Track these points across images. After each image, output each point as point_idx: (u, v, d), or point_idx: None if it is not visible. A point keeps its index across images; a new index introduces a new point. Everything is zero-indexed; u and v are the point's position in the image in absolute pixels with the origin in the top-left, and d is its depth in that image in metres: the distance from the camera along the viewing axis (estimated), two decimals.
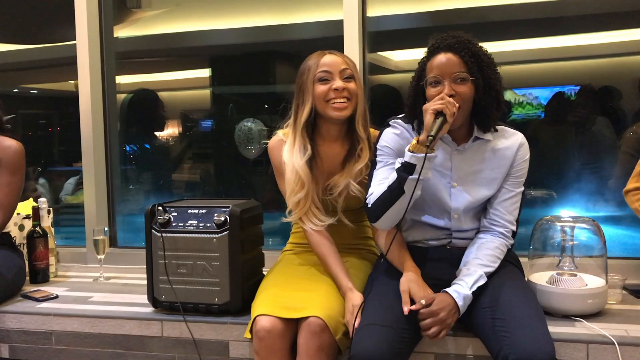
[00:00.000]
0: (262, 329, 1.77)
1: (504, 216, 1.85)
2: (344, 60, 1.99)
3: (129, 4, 3.51)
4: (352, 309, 1.77)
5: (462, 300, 1.70)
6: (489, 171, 1.85)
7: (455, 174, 1.86)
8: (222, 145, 3.48)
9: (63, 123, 4.04)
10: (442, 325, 1.68)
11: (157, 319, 2.10)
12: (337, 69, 1.95)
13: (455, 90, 1.72)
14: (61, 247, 2.95)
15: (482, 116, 1.81)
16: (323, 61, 1.96)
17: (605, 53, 2.92)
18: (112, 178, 3.06)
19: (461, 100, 1.73)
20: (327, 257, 1.94)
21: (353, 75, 1.98)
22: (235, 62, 3.57)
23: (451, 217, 1.88)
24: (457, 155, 1.86)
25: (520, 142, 1.86)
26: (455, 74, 1.73)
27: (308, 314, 1.76)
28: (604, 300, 1.92)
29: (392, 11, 3.07)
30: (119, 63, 3.21)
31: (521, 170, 1.86)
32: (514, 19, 2.98)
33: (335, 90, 1.93)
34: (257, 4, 3.42)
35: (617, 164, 2.77)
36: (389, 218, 1.80)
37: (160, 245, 2.09)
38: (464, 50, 1.73)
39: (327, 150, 2.05)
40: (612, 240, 2.05)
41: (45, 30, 3.70)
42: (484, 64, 1.75)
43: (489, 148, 1.85)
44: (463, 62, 1.73)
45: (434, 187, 1.87)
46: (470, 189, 1.86)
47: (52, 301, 2.32)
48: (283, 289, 1.89)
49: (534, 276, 2.00)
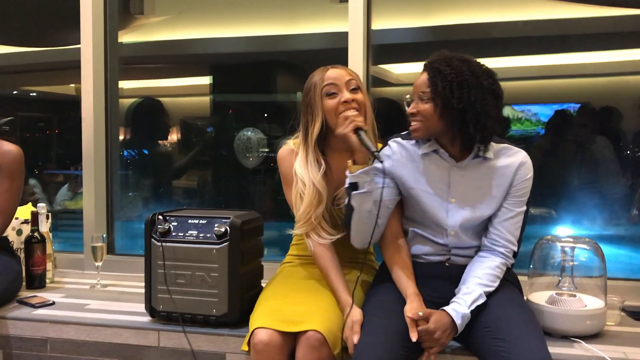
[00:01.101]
0: (260, 342, 1.76)
1: (505, 236, 1.85)
2: (348, 72, 2.00)
3: (132, 10, 3.51)
4: (352, 325, 1.76)
5: (460, 319, 1.69)
6: (488, 189, 1.85)
7: (453, 190, 1.86)
8: (221, 153, 3.48)
9: (62, 126, 4.03)
10: (435, 344, 1.68)
11: (154, 329, 2.08)
12: (343, 81, 1.96)
13: (417, 108, 1.80)
14: (58, 253, 2.93)
15: (460, 138, 1.80)
16: (328, 75, 1.97)
17: (606, 72, 2.94)
18: (112, 184, 3.05)
19: (422, 117, 1.79)
20: (329, 270, 1.93)
21: (359, 86, 1.99)
22: (237, 71, 3.58)
23: (448, 233, 1.88)
24: (457, 171, 1.86)
25: (522, 161, 1.84)
26: (419, 92, 1.80)
27: (307, 327, 1.75)
28: (603, 322, 1.92)
29: (394, 25, 3.08)
30: (121, 68, 3.21)
31: (522, 189, 1.85)
32: (514, 36, 3.00)
33: (345, 102, 1.93)
34: (261, 14, 3.43)
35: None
36: (356, 235, 1.89)
37: (160, 254, 2.08)
38: (433, 70, 1.78)
39: (336, 162, 2.04)
40: (609, 260, 2.05)
41: (48, 34, 3.70)
42: (453, 86, 1.73)
43: (489, 165, 1.85)
44: (430, 82, 1.77)
45: (431, 203, 1.87)
46: (468, 206, 1.86)
47: (48, 308, 2.30)
48: (282, 301, 1.88)
49: (533, 295, 2.00)
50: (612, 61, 2.94)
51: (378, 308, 1.81)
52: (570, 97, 2.94)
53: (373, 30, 2.71)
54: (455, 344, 1.81)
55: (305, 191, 1.96)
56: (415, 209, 1.92)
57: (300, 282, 2.02)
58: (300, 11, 3.39)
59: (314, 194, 1.95)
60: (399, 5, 3.07)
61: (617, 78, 2.94)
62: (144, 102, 3.51)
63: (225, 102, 3.68)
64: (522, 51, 3.03)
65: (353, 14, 2.64)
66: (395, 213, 1.95)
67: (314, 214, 1.95)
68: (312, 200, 1.95)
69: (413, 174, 1.90)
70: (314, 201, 1.95)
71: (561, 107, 2.94)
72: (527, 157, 1.86)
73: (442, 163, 1.87)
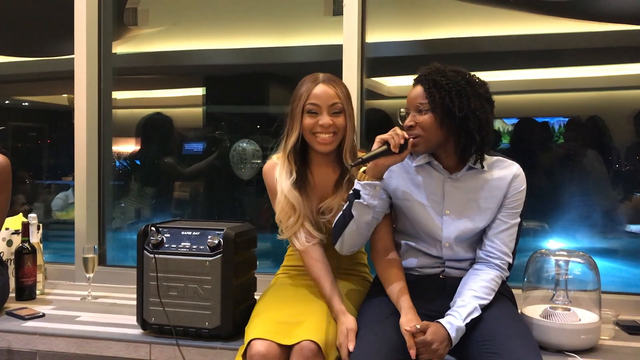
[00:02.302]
0: (258, 353, 1.73)
1: (500, 248, 1.85)
2: (336, 92, 1.97)
3: (126, 21, 3.51)
4: (346, 332, 1.76)
5: (454, 332, 1.69)
6: (482, 201, 1.85)
7: (447, 202, 1.87)
8: (214, 164, 3.47)
9: (54, 136, 4.01)
10: (433, 355, 1.67)
11: (145, 342, 2.06)
12: (327, 103, 1.95)
13: (415, 120, 1.79)
14: (49, 264, 2.90)
15: (461, 147, 1.80)
16: (314, 92, 1.95)
17: (596, 86, 2.97)
18: (104, 195, 3.03)
19: (420, 128, 1.78)
20: (321, 279, 1.92)
21: (343, 109, 1.97)
22: (230, 82, 3.58)
23: (442, 245, 1.88)
24: (450, 183, 1.86)
25: (515, 173, 1.85)
26: (417, 104, 1.79)
27: (301, 338, 1.73)
28: (598, 336, 1.92)
29: (387, 38, 3.10)
30: (115, 79, 3.20)
31: (516, 201, 1.86)
32: (506, 50, 3.03)
33: (321, 125, 1.94)
34: (255, 26, 3.44)
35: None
36: (344, 242, 1.89)
37: (152, 266, 2.06)
38: (429, 82, 1.78)
39: (319, 174, 2.07)
40: (602, 273, 2.06)
41: (41, 43, 3.69)
42: (452, 95, 1.75)
43: (483, 177, 1.86)
44: (426, 93, 1.78)
45: (426, 215, 1.87)
46: (462, 217, 1.86)
47: (38, 320, 2.27)
48: (277, 313, 1.86)
49: (528, 309, 2.00)
50: (602, 76, 2.96)
51: (372, 320, 1.80)
52: (560, 111, 2.96)
53: (367, 43, 2.73)
54: (451, 358, 1.79)
55: (280, 197, 2.00)
56: (409, 222, 1.93)
57: (294, 292, 2.01)
58: (295, 24, 3.40)
59: (286, 202, 1.99)
60: (392, 18, 3.09)
61: (607, 93, 2.96)
62: (153, 118, 3.52)
63: (218, 114, 3.68)
64: (513, 65, 3.05)
65: (348, 26, 2.65)
66: (386, 226, 1.95)
67: (292, 222, 1.98)
68: (284, 207, 1.99)
69: (407, 186, 1.90)
70: (285, 208, 1.99)
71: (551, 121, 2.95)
72: (521, 170, 1.87)
73: (436, 175, 1.87)
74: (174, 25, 3.61)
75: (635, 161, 2.83)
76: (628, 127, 2.83)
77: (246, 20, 3.46)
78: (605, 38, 2.88)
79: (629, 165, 2.87)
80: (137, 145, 3.58)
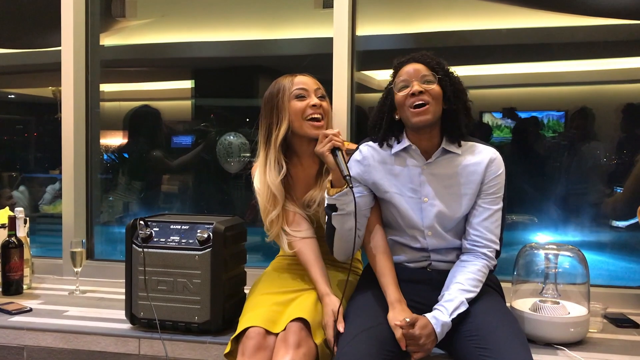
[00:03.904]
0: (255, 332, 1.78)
1: (486, 236, 1.84)
2: (315, 81, 2.08)
3: (114, 13, 3.47)
4: (331, 313, 1.80)
5: (440, 327, 1.69)
6: (458, 187, 1.86)
7: (424, 189, 1.87)
8: (202, 157, 3.45)
9: (40, 129, 3.97)
10: (420, 349, 1.68)
11: (134, 336, 2.05)
12: (312, 88, 2.04)
13: (425, 88, 1.78)
14: (36, 258, 2.88)
15: (451, 125, 1.83)
16: (298, 80, 2.04)
17: (587, 80, 2.98)
18: (91, 189, 3.00)
19: (430, 97, 1.78)
20: (309, 264, 1.97)
21: (324, 94, 2.07)
22: (219, 75, 3.55)
23: (425, 235, 1.88)
24: (427, 170, 1.86)
25: (491, 157, 1.86)
26: (422, 75, 1.80)
27: (290, 317, 1.79)
28: (586, 329, 1.93)
29: (376, 31, 3.09)
30: (102, 71, 3.17)
31: (495, 186, 1.85)
32: (496, 44, 3.03)
33: (313, 106, 1.99)
34: (244, 18, 3.42)
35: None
36: (338, 249, 1.93)
37: (141, 260, 2.05)
38: (428, 59, 1.83)
39: (300, 167, 2.09)
40: (591, 267, 2.07)
41: (28, 35, 3.64)
42: (450, 73, 1.84)
43: (458, 163, 1.86)
44: (429, 68, 1.81)
45: (405, 205, 1.88)
46: (441, 204, 1.86)
47: (25, 314, 2.25)
48: (269, 307, 1.88)
49: (517, 303, 2.01)
50: (591, 70, 2.97)
51: (360, 314, 1.80)
52: (551, 105, 2.97)
53: (357, 36, 2.71)
54: (439, 352, 1.80)
55: (260, 197, 2.02)
56: (391, 213, 1.93)
57: (288, 279, 2.04)
58: (284, 16, 3.38)
59: (268, 197, 2.00)
60: (382, 11, 3.08)
61: (595, 86, 2.97)
62: (139, 111, 3.49)
63: (207, 107, 3.66)
64: (504, 59, 3.05)
65: (338, 19, 2.63)
66: (376, 217, 1.95)
67: (272, 217, 2.01)
68: (266, 205, 2.01)
69: (386, 177, 1.90)
70: (267, 206, 2.01)
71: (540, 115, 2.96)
72: (497, 154, 1.88)
73: (412, 162, 1.88)
74: (163, 17, 3.57)
75: (623, 155, 2.85)
76: (616, 121, 2.84)
77: (235, 13, 3.44)
78: (593, 32, 2.89)
79: (616, 159, 2.88)
80: (124, 138, 3.54)
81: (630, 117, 2.79)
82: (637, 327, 2.13)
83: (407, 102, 1.79)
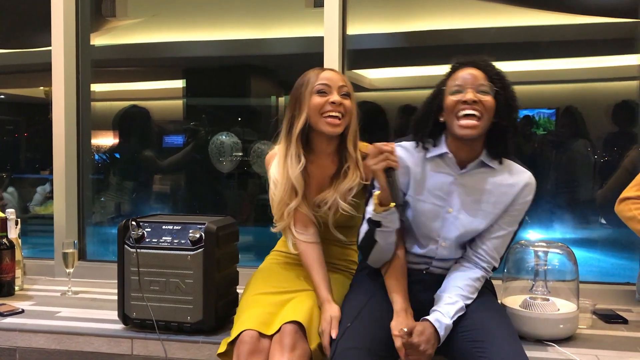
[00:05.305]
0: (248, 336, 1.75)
1: (491, 253, 1.82)
2: (342, 78, 1.99)
3: (105, 12, 3.47)
4: (329, 320, 1.77)
5: (443, 330, 1.68)
6: (487, 204, 1.79)
7: (452, 200, 1.80)
8: (194, 157, 3.45)
9: (31, 130, 3.96)
10: (422, 356, 1.65)
11: (127, 337, 2.05)
12: (336, 85, 1.95)
13: (479, 98, 1.69)
14: (28, 259, 2.87)
15: (497, 140, 1.76)
16: (323, 75, 1.96)
17: (576, 78, 3.00)
18: (83, 189, 3.00)
19: (484, 109, 1.69)
20: (312, 267, 1.92)
21: (349, 93, 1.97)
22: (211, 74, 3.56)
23: (438, 244, 1.84)
24: (460, 180, 1.79)
25: (527, 182, 1.79)
26: (479, 84, 1.71)
27: (284, 320, 1.76)
28: (576, 325, 1.95)
29: (368, 30, 3.10)
30: (93, 71, 3.16)
31: (519, 210, 1.80)
32: (486, 42, 3.04)
33: (332, 103, 1.91)
34: (235, 17, 3.42)
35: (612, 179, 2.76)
36: (375, 259, 1.84)
37: (133, 260, 2.05)
38: (489, 67, 1.74)
39: (317, 165, 2.03)
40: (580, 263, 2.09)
41: (18, 35, 3.63)
42: (507, 86, 1.75)
43: (493, 180, 1.79)
44: (487, 77, 1.72)
45: (427, 214, 1.82)
46: (466, 218, 1.80)
47: (17, 316, 2.25)
48: (263, 308, 1.85)
49: (508, 300, 2.02)
50: (580, 68, 3.00)
51: (354, 316, 1.78)
52: (541, 103, 2.99)
53: (348, 35, 2.72)
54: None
55: (277, 187, 1.97)
56: (410, 218, 1.86)
57: (283, 282, 1.98)
58: (275, 15, 3.39)
59: (286, 189, 1.95)
60: (373, 10, 3.09)
61: (585, 84, 3.00)
62: (129, 111, 3.48)
63: (198, 106, 3.66)
64: (492, 57, 3.06)
65: (328, 18, 2.64)
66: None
67: (286, 210, 1.95)
68: (283, 196, 1.95)
69: (413, 182, 1.84)
70: (284, 197, 1.96)
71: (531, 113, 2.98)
72: (533, 179, 1.81)
73: (445, 170, 1.80)
74: (153, 17, 3.57)
75: (613, 152, 2.87)
76: (606, 119, 2.87)
77: (226, 12, 3.44)
78: (583, 31, 2.92)
79: (606, 156, 2.90)
80: (115, 138, 3.54)
81: (620, 114, 2.82)
82: (625, 323, 2.15)
83: (456, 109, 1.70)
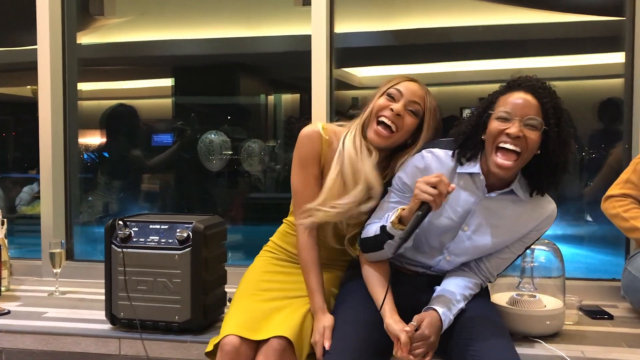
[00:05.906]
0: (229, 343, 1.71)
1: (492, 270, 1.82)
2: (421, 95, 1.84)
3: (92, 11, 3.45)
4: (322, 330, 1.74)
5: (447, 323, 1.67)
6: (503, 230, 1.75)
7: (471, 219, 1.74)
8: (183, 156, 3.44)
9: (19, 129, 3.93)
10: (430, 348, 1.63)
11: (114, 337, 2.04)
12: (408, 97, 1.82)
13: (524, 133, 1.58)
14: (14, 260, 2.85)
15: (538, 174, 1.68)
16: (404, 82, 1.86)
17: (561, 76, 3.01)
18: (70, 189, 2.98)
19: (526, 145, 1.58)
20: (310, 269, 1.85)
21: (419, 112, 1.83)
22: (199, 73, 3.54)
23: (443, 257, 1.81)
24: (484, 202, 1.72)
25: (549, 214, 1.75)
26: (529, 117, 1.58)
27: (271, 334, 1.71)
28: (562, 322, 1.97)
29: (356, 28, 3.10)
30: (80, 70, 3.14)
31: (532, 238, 1.79)
32: (474, 40, 3.05)
33: (391, 110, 1.80)
34: (223, 16, 3.41)
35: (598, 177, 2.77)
36: (373, 257, 1.80)
37: (120, 260, 2.04)
38: (545, 97, 1.60)
39: None
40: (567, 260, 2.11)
41: (4, 34, 3.60)
42: (563, 121, 1.62)
43: (518, 209, 1.73)
44: (542, 109, 1.59)
45: (441, 227, 1.76)
46: (479, 238, 1.75)
47: (4, 317, 2.24)
48: (256, 305, 1.82)
49: (495, 297, 2.03)
50: (567, 65, 3.01)
51: (348, 314, 1.78)
52: None
53: (336, 34, 2.72)
54: None
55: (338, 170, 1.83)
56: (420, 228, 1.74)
57: (276, 284, 1.93)
58: (263, 14, 3.38)
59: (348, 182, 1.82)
60: (361, 9, 3.09)
61: (571, 82, 3.01)
62: (116, 109, 3.47)
63: (187, 105, 3.64)
64: (481, 55, 3.08)
65: (316, 17, 2.64)
66: None
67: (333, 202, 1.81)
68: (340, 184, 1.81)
69: None
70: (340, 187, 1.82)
71: None
72: (555, 211, 1.76)
73: (472, 189, 1.73)
74: (142, 15, 3.56)
75: (600, 149, 2.89)
76: (592, 116, 2.88)
77: (215, 10, 3.43)
78: (570, 29, 2.93)
79: (593, 153, 2.92)
80: (103, 137, 3.52)
81: (606, 111, 2.83)
82: (611, 319, 2.17)
83: (498, 139, 1.60)
